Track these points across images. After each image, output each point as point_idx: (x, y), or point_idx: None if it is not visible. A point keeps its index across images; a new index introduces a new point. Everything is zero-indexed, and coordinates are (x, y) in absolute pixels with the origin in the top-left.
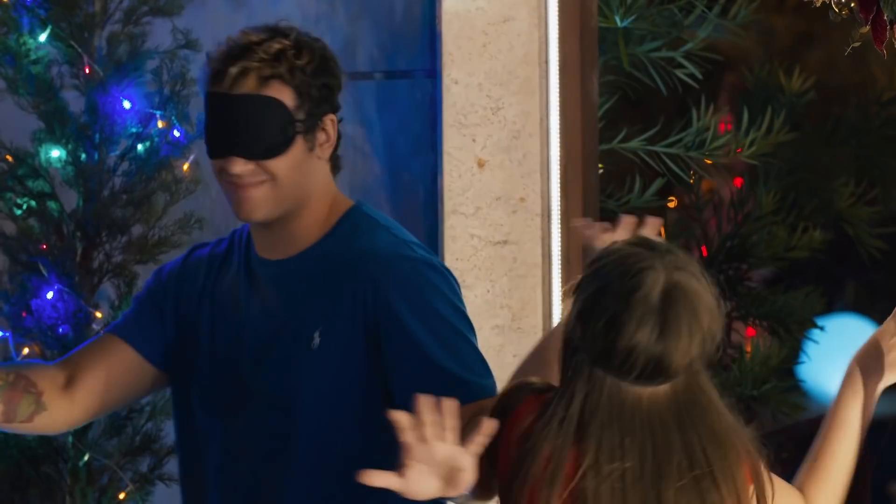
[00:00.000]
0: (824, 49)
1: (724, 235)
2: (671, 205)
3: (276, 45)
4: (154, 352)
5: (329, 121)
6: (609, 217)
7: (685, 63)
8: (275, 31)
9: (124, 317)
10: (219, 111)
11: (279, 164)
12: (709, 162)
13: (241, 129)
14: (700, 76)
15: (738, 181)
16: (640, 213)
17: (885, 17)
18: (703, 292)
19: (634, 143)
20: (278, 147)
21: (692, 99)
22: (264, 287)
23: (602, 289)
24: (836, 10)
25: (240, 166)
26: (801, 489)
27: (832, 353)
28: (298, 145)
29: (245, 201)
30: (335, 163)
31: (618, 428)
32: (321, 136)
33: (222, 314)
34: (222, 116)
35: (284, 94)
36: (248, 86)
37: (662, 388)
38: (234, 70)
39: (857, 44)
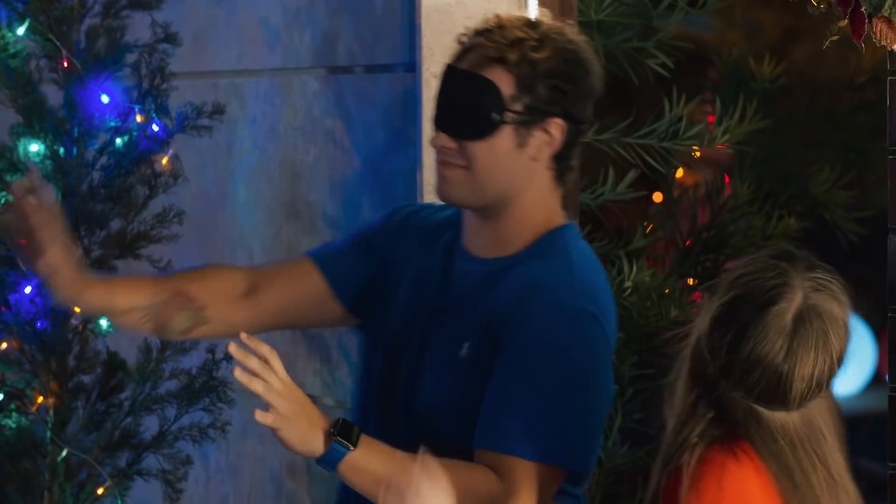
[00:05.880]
0: (810, 44)
1: (700, 227)
2: (656, 198)
3: (517, 33)
4: (345, 289)
5: (555, 124)
6: (586, 212)
7: (657, 53)
8: (530, 22)
9: (328, 245)
10: (442, 84)
11: (479, 150)
12: (698, 153)
13: (451, 104)
14: (671, 65)
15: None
16: (616, 205)
17: (864, 10)
18: (839, 315)
19: (607, 135)
20: (480, 130)
21: (667, 90)
22: (454, 279)
23: (737, 299)
24: (815, 3)
25: (442, 141)
26: None
27: None
28: (505, 136)
29: (441, 179)
30: (562, 178)
31: (776, 448)
32: (540, 136)
33: (412, 287)
34: (443, 89)
35: (503, 80)
36: (470, 62)
37: (790, 417)
38: (467, 45)
39: (835, 37)
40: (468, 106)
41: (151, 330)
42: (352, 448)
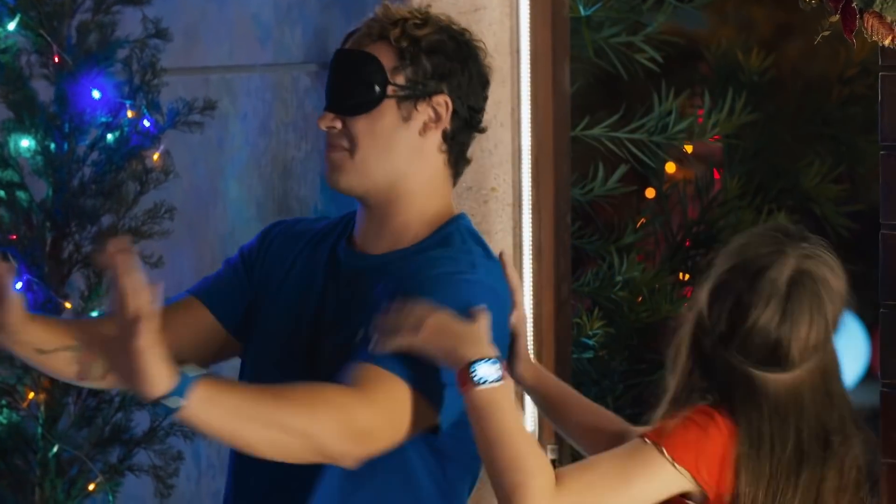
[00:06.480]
0: (802, 39)
1: (691, 222)
2: (648, 194)
3: (402, 13)
4: (230, 317)
5: (441, 101)
6: (577, 207)
7: (645, 48)
8: (417, 8)
9: (207, 278)
10: (330, 68)
11: (363, 126)
12: (689, 149)
13: (337, 83)
14: (661, 60)
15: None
16: (607, 201)
17: (855, 6)
18: (832, 280)
19: (597, 130)
20: (364, 104)
21: (655, 84)
22: (342, 277)
23: (733, 269)
24: None
25: (327, 121)
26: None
27: None
28: (388, 109)
29: (328, 166)
30: (456, 166)
31: (755, 415)
32: (426, 112)
33: (296, 291)
34: (330, 73)
35: (384, 54)
36: (353, 42)
37: (781, 381)
38: (352, 31)
39: (826, 32)
40: (351, 81)
41: (74, 374)
42: (203, 372)
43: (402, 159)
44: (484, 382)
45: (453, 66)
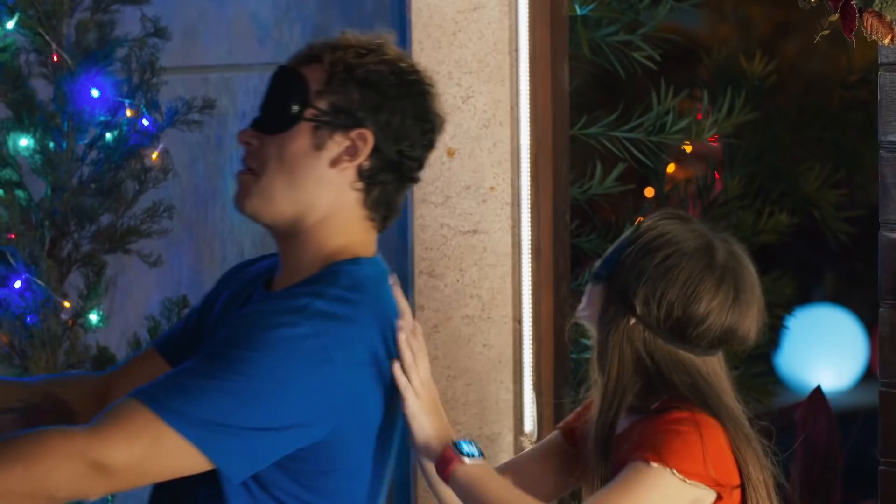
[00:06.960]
0: (801, 39)
1: None
2: (647, 193)
3: (351, 41)
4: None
5: (360, 135)
6: (575, 206)
7: (643, 46)
8: (374, 42)
9: (170, 328)
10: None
11: (273, 148)
12: (688, 149)
13: (265, 98)
14: (658, 58)
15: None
16: (605, 200)
17: (854, 5)
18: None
19: (595, 129)
20: (279, 124)
21: (655, 83)
22: None
23: (671, 256)
24: None
25: (246, 136)
26: None
27: (809, 341)
28: (302, 134)
29: (237, 188)
30: (375, 208)
31: (710, 395)
32: (341, 144)
33: (215, 331)
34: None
35: (314, 75)
36: (293, 59)
37: (714, 359)
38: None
39: (826, 32)
40: (275, 98)
41: None
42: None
43: (308, 190)
44: (472, 457)
45: (385, 102)
